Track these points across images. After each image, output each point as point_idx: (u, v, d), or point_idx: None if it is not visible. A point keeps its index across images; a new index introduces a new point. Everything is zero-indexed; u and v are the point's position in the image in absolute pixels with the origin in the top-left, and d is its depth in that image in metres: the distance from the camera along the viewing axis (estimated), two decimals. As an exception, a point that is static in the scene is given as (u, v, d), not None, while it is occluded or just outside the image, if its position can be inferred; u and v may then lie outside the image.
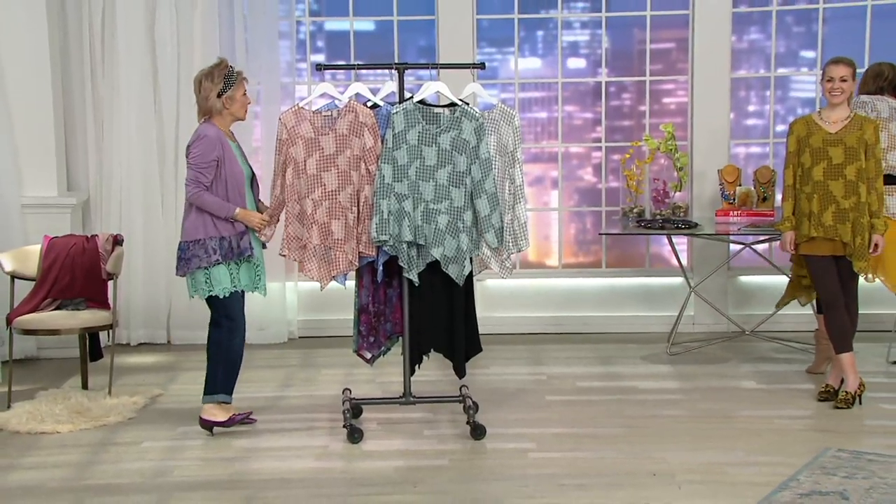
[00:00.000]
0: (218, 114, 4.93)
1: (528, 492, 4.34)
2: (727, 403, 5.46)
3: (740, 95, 7.13)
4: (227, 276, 4.92)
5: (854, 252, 5.23)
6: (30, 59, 6.33)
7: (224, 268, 4.91)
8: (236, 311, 4.98)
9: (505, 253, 5.08)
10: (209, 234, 4.89)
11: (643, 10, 6.99)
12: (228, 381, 5.03)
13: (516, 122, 5.05)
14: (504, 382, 5.90)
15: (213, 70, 4.92)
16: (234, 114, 4.95)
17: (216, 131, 4.91)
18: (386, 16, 7.02)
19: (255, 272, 5.02)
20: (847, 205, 5.21)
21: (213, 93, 4.89)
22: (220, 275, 4.90)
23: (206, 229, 4.89)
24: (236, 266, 4.95)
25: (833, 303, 5.27)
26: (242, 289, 4.99)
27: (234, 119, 4.99)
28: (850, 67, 5.24)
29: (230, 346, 5.00)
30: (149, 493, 4.37)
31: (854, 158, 5.21)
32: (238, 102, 4.94)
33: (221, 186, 4.89)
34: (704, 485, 4.37)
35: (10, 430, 5.14)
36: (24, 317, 5.56)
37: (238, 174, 4.92)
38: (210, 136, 4.87)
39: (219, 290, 4.91)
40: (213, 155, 4.85)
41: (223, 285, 4.91)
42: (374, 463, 4.69)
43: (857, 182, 5.21)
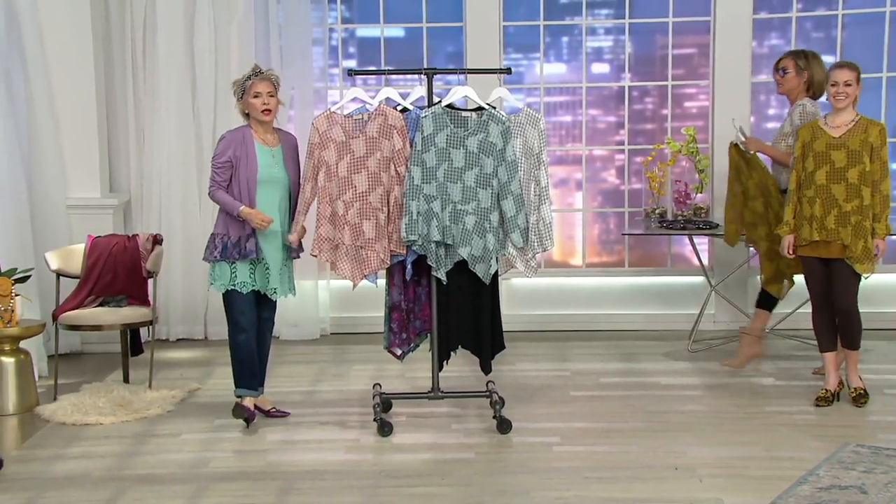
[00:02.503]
0: (246, 118, 5.04)
1: (553, 484, 4.36)
2: (747, 399, 5.48)
3: (760, 99, 7.13)
4: (228, 273, 4.99)
5: (855, 256, 5.18)
6: (75, 68, 6.46)
7: (226, 265, 4.99)
8: (234, 310, 5.02)
9: (530, 252, 5.11)
10: (218, 230, 5.00)
11: (665, 16, 7.02)
12: (241, 377, 5.10)
13: (541, 125, 5.08)
14: (529, 378, 5.93)
15: (236, 80, 5.09)
16: (253, 116, 5.01)
17: (240, 132, 5.00)
18: (415, 23, 7.06)
19: (266, 275, 5.04)
20: (849, 208, 5.17)
21: (237, 98, 5.04)
22: (221, 271, 5.00)
23: (218, 226, 5.01)
24: (250, 266, 5.00)
25: (822, 305, 5.31)
26: (249, 289, 5.00)
27: (257, 121, 5.02)
28: (854, 72, 5.20)
29: (232, 342, 5.08)
30: (187, 484, 4.42)
31: (857, 161, 5.16)
32: (251, 105, 4.99)
33: (235, 185, 4.96)
34: (725, 479, 4.38)
35: (56, 421, 5.24)
36: (69, 313, 5.67)
37: (250, 175, 4.94)
38: (227, 138, 5.00)
39: (217, 285, 5.01)
40: (226, 155, 4.95)
41: (221, 282, 5.00)
42: (403, 456, 4.72)
43: (859, 185, 5.16)
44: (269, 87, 5.01)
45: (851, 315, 5.25)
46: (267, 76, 5.03)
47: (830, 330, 5.33)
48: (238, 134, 5.01)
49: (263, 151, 5.01)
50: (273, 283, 5.06)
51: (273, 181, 5.01)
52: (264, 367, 5.27)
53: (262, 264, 5.03)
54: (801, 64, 5.79)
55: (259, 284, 5.05)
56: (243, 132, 5.02)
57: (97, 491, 4.36)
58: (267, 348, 5.27)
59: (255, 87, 4.98)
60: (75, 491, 4.36)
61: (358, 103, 5.14)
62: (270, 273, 5.04)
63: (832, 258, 5.26)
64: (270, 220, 4.96)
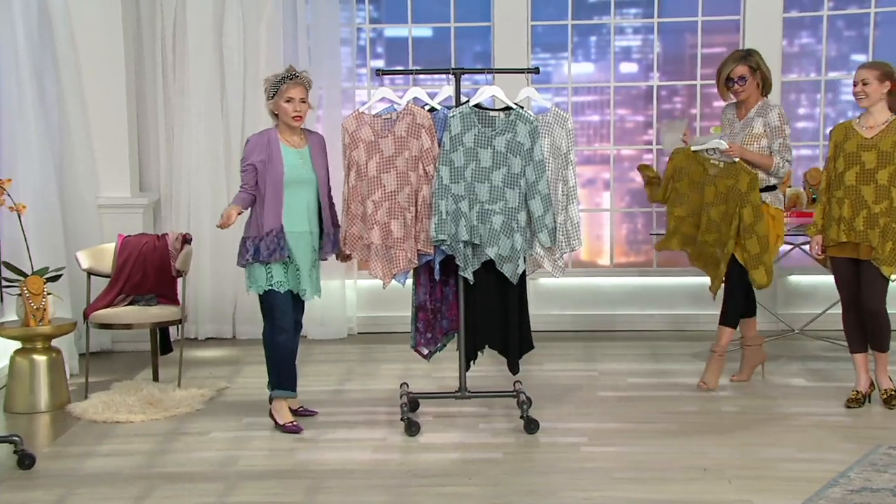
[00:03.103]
0: (275, 119, 5.02)
1: (581, 485, 4.35)
2: (777, 400, 5.45)
3: (791, 99, 7.10)
4: (264, 275, 4.97)
5: (882, 258, 5.12)
6: (106, 68, 6.51)
7: (261, 267, 4.97)
8: (274, 310, 5.00)
9: (558, 252, 5.10)
10: (249, 234, 4.99)
11: (695, 15, 7.00)
12: (279, 378, 5.08)
13: (569, 125, 5.07)
14: (557, 379, 5.92)
15: (268, 77, 5.04)
16: (282, 119, 4.98)
17: (265, 136, 4.98)
18: (443, 22, 7.08)
19: (297, 276, 5.02)
20: (878, 210, 5.12)
21: (267, 99, 5.00)
22: (256, 273, 4.98)
23: (249, 229, 5.00)
24: (283, 266, 4.99)
25: (851, 305, 5.27)
26: (286, 288, 4.99)
27: (286, 124, 4.99)
28: (874, 70, 5.12)
29: (271, 342, 5.05)
30: (216, 482, 4.43)
31: (887, 163, 5.10)
32: (281, 108, 4.96)
33: (262, 188, 4.94)
34: (755, 480, 4.36)
35: (87, 418, 5.29)
36: (100, 312, 5.71)
37: (276, 177, 4.92)
38: (253, 141, 4.99)
39: (254, 287, 5.00)
40: (251, 159, 4.94)
41: (258, 283, 4.98)
42: (430, 455, 4.72)
43: (888, 187, 5.11)
44: (303, 92, 4.97)
45: (879, 316, 5.20)
46: (301, 80, 4.98)
47: (860, 331, 5.30)
48: (263, 137, 4.99)
49: (290, 153, 5.00)
50: (304, 283, 5.05)
51: (301, 182, 4.99)
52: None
53: (294, 265, 5.02)
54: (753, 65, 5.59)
55: (293, 284, 5.05)
56: (268, 135, 5.00)
57: (127, 488, 4.39)
58: (295, 349, 5.25)
59: (289, 91, 4.94)
60: (106, 488, 4.40)
61: (386, 103, 5.15)
62: (301, 274, 5.03)
63: (861, 259, 5.21)
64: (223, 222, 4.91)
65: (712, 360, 5.66)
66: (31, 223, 5.70)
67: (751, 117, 5.59)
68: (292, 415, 5.16)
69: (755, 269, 5.45)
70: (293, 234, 4.98)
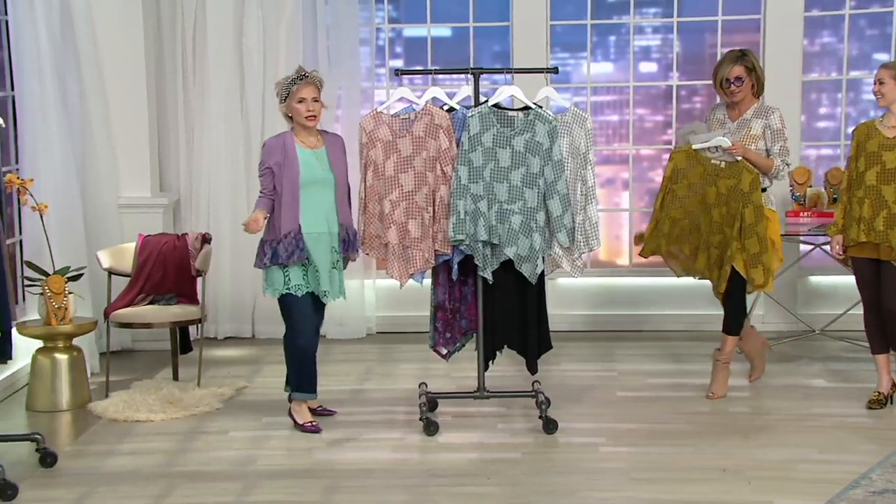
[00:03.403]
0: (289, 121, 5.00)
1: (600, 485, 4.35)
2: (797, 401, 5.43)
3: (811, 98, 7.07)
4: (281, 278, 4.93)
5: None
6: (127, 68, 6.54)
7: (278, 270, 4.93)
8: (293, 314, 4.97)
9: (576, 252, 5.10)
10: (268, 236, 4.95)
11: (715, 14, 6.97)
12: (299, 380, 5.06)
13: (588, 124, 5.07)
14: (575, 379, 5.92)
15: (279, 81, 5.02)
16: (296, 120, 4.95)
17: (280, 139, 4.95)
18: (462, 22, 7.08)
19: (316, 278, 4.98)
20: None
21: (280, 101, 4.98)
22: (273, 276, 4.94)
23: (267, 232, 4.95)
24: (302, 269, 4.96)
25: (873, 306, 5.23)
26: (304, 291, 4.95)
27: (301, 125, 4.95)
28: (892, 70, 5.09)
29: (291, 346, 5.03)
30: (235, 481, 4.44)
31: None
32: (295, 109, 4.93)
33: (280, 190, 4.91)
34: (774, 481, 4.35)
35: (108, 417, 5.32)
36: (120, 311, 5.74)
37: (293, 179, 4.88)
38: (269, 144, 4.96)
39: (270, 291, 4.97)
40: (268, 162, 4.91)
41: (275, 286, 4.94)
42: (449, 455, 4.73)
43: None
44: (314, 91, 4.95)
45: None
46: (311, 80, 4.95)
47: (882, 332, 5.27)
48: (279, 140, 4.97)
49: (306, 154, 4.96)
50: (323, 285, 5.00)
51: (317, 183, 4.95)
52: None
53: (313, 267, 5.00)
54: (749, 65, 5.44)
55: (314, 287, 5.02)
56: (284, 138, 4.97)
57: (148, 487, 4.41)
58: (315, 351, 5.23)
59: (300, 91, 4.91)
60: (127, 486, 4.42)
61: (405, 103, 5.16)
62: (320, 276, 4.98)
63: (882, 259, 5.18)
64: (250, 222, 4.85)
65: (718, 368, 5.58)
66: (52, 223, 5.73)
67: (747, 118, 5.48)
68: (311, 414, 5.16)
69: (754, 268, 5.32)
70: (311, 235, 4.96)
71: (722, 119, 5.55)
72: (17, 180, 5.41)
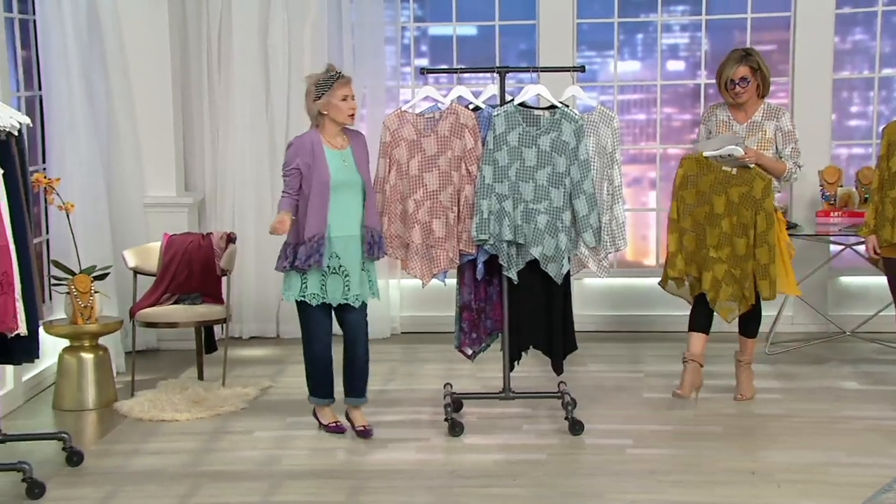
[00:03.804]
0: (319, 120, 4.82)
1: (627, 487, 4.32)
2: (827, 404, 5.38)
3: (843, 96, 7.00)
4: (298, 284, 4.83)
5: None
6: (153, 67, 6.57)
7: (297, 275, 4.83)
8: (306, 321, 4.90)
9: (603, 252, 5.08)
10: (290, 239, 4.84)
11: (744, 12, 6.91)
12: (315, 385, 5.00)
13: (615, 123, 5.05)
14: (601, 380, 5.89)
15: (314, 75, 4.86)
16: (333, 118, 4.80)
17: (308, 138, 4.81)
18: (488, 21, 7.06)
19: (346, 282, 4.87)
20: None
21: (310, 99, 4.81)
22: (291, 280, 4.85)
23: (291, 234, 4.83)
24: (321, 277, 4.83)
25: None
26: (319, 301, 4.83)
27: (337, 124, 4.83)
28: None
29: (306, 352, 4.97)
30: (260, 481, 4.45)
31: None
32: (335, 107, 4.78)
33: (307, 192, 4.78)
34: (805, 484, 4.31)
35: (133, 417, 5.34)
36: (146, 310, 5.75)
37: (322, 181, 4.75)
38: (296, 144, 4.82)
39: (287, 295, 4.87)
40: (294, 162, 4.77)
41: (291, 292, 4.85)
42: (474, 456, 4.71)
43: None
44: (352, 89, 4.87)
45: None
46: (349, 78, 4.88)
47: None
48: (306, 140, 4.82)
49: (334, 155, 4.83)
50: (354, 289, 4.86)
51: (346, 185, 4.83)
52: (364, 376, 5.02)
53: (341, 272, 4.89)
54: (755, 65, 5.29)
55: (333, 296, 4.85)
56: (311, 138, 4.82)
57: (173, 486, 4.43)
58: (361, 355, 4.98)
59: (342, 89, 4.77)
60: (152, 486, 4.44)
61: (430, 102, 5.14)
62: (350, 280, 4.86)
63: None
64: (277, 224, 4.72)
65: (741, 370, 5.48)
66: (78, 222, 5.75)
67: (757, 121, 5.33)
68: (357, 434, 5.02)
69: (762, 280, 5.16)
70: (341, 238, 4.85)
71: (727, 121, 5.38)
72: (44, 179, 5.44)
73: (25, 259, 4.31)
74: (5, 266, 4.19)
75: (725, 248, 5.20)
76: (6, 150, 4.27)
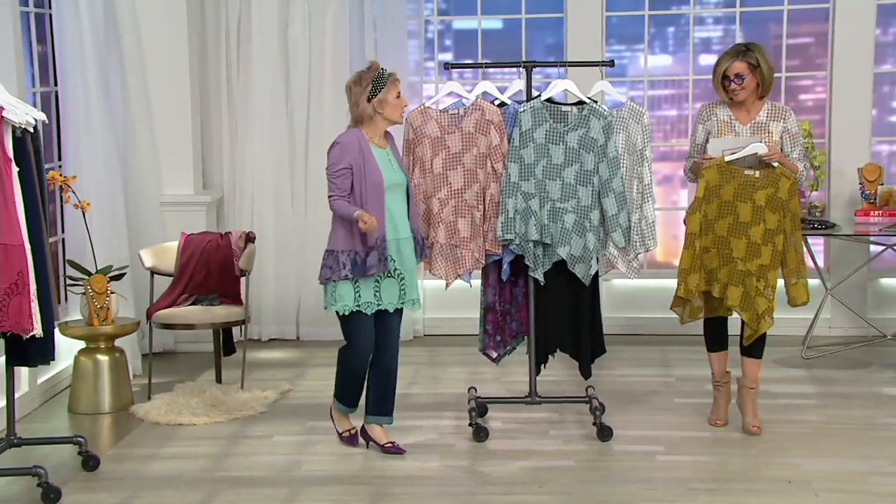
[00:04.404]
0: (370, 119, 4.65)
1: (657, 495, 4.29)
2: (867, 410, 5.30)
3: (884, 91, 6.89)
4: (351, 293, 4.63)
5: None
6: (170, 64, 6.54)
7: (349, 284, 4.63)
8: (353, 333, 4.70)
9: (632, 253, 5.03)
10: (341, 246, 4.63)
11: (780, 3, 6.82)
12: (345, 394, 4.83)
13: (645, 120, 5.01)
14: (631, 384, 5.83)
15: (361, 74, 4.67)
16: (388, 117, 4.66)
17: (354, 137, 4.63)
18: (514, 14, 7.03)
19: (402, 286, 4.71)
20: None
21: (363, 98, 4.62)
22: (343, 291, 4.64)
23: (341, 241, 4.63)
24: (374, 283, 4.67)
25: None
26: (374, 309, 4.67)
27: (389, 123, 4.69)
28: None
29: (346, 365, 4.78)
30: (280, 487, 4.44)
31: None
32: (391, 105, 4.64)
33: (358, 195, 4.61)
34: (844, 493, 4.24)
35: (150, 420, 5.32)
36: (163, 312, 5.72)
37: (376, 182, 4.60)
38: (343, 143, 4.63)
39: (339, 306, 4.65)
40: (343, 162, 4.59)
41: (344, 302, 4.64)
42: (499, 462, 4.69)
43: None
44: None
45: None
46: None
47: None
48: (352, 139, 4.62)
49: (381, 155, 4.67)
50: (410, 293, 4.71)
51: (396, 185, 4.68)
52: (394, 392, 4.85)
53: (397, 276, 4.69)
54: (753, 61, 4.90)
55: (389, 301, 4.69)
56: (357, 136, 4.63)
57: (191, 492, 4.41)
58: (394, 369, 4.84)
59: (395, 86, 4.64)
60: (170, 491, 4.42)
61: (454, 98, 5.11)
62: (406, 283, 4.70)
63: None
64: (370, 219, 4.52)
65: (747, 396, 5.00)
66: (94, 221, 5.74)
67: (762, 122, 4.94)
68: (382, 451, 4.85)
69: (794, 285, 4.83)
70: (394, 241, 4.65)
71: (728, 121, 4.97)
72: (60, 177, 5.45)
73: (41, 259, 4.29)
74: (20, 266, 4.18)
75: (755, 260, 4.83)
76: (22, 147, 4.26)
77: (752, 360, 5.00)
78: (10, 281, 4.17)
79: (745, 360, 5.02)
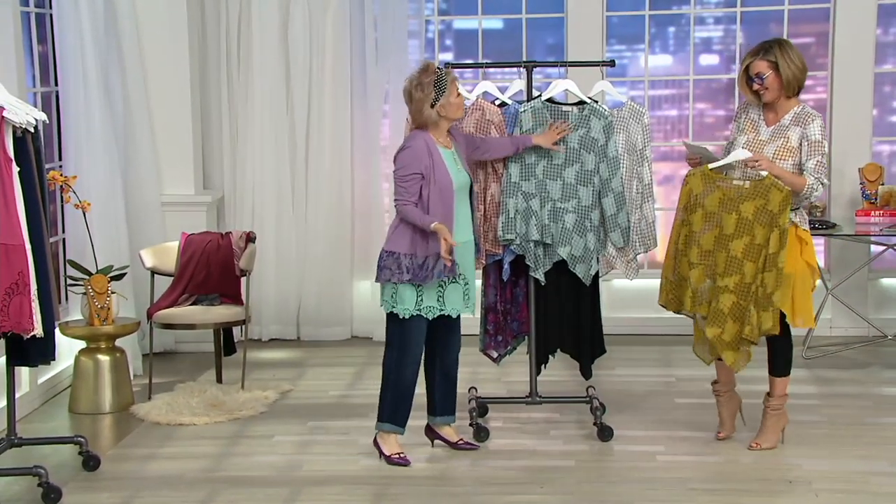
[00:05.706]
0: (434, 124, 4.53)
1: (657, 495, 4.29)
2: (868, 410, 5.29)
3: (885, 91, 6.88)
4: (413, 298, 4.51)
5: None
6: (170, 64, 6.53)
7: (412, 288, 4.50)
8: (410, 339, 4.56)
9: (631, 253, 5.03)
10: (405, 249, 4.49)
11: (780, 3, 6.80)
12: (396, 412, 4.63)
13: (646, 120, 5.00)
14: (631, 384, 5.82)
15: (420, 79, 4.50)
16: (451, 117, 4.54)
17: (423, 141, 4.49)
18: (514, 14, 7.01)
19: (465, 291, 4.62)
20: None
21: (426, 104, 4.47)
22: (406, 294, 4.51)
23: (404, 244, 4.50)
24: (438, 289, 4.55)
25: None
26: (437, 314, 4.56)
27: (452, 122, 4.59)
28: None
29: (399, 374, 4.60)
30: (280, 487, 4.42)
31: None
32: (453, 105, 4.51)
33: (427, 199, 4.48)
34: (844, 494, 4.23)
35: (151, 420, 5.31)
36: (163, 311, 5.71)
37: (445, 185, 4.47)
38: (414, 148, 4.48)
39: (400, 309, 4.52)
40: (415, 167, 4.45)
41: (405, 306, 4.51)
42: (499, 462, 4.68)
43: None
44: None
45: None
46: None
47: None
48: (420, 142, 4.48)
49: (448, 156, 4.54)
50: (473, 297, 4.62)
51: (463, 188, 4.56)
52: (454, 392, 4.81)
53: (461, 280, 4.57)
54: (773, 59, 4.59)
55: (453, 306, 4.58)
56: (424, 139, 4.49)
57: (191, 492, 4.40)
58: (455, 374, 4.78)
59: (455, 85, 4.52)
60: (170, 491, 4.42)
61: (454, 97, 5.08)
62: (469, 288, 4.60)
63: None
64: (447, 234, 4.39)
65: (769, 416, 4.76)
66: (95, 221, 5.73)
67: (784, 125, 4.61)
68: (452, 448, 4.80)
69: (765, 310, 4.48)
70: (461, 244, 4.54)
71: (756, 121, 4.70)
72: (61, 177, 5.44)
73: (41, 259, 4.29)
74: (21, 266, 4.18)
75: (734, 276, 4.49)
76: (22, 147, 4.25)
77: (772, 378, 4.74)
78: (11, 281, 4.18)
79: (768, 377, 4.77)
